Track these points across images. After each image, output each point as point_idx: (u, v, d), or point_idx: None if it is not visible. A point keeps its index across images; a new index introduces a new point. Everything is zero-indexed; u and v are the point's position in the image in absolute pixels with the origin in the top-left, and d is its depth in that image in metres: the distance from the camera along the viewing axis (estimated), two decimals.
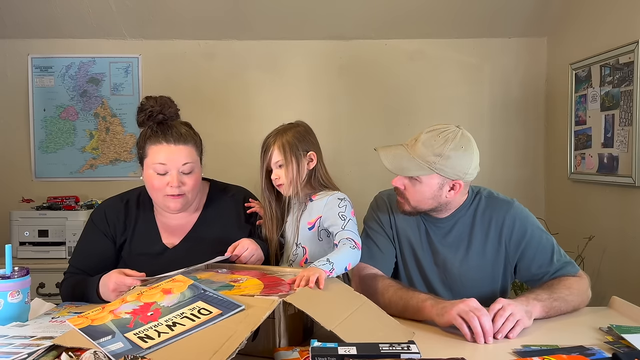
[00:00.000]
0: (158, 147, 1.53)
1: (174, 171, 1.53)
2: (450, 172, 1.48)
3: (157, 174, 1.54)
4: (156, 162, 1.53)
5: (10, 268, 1.31)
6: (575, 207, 2.84)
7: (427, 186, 1.50)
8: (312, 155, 1.55)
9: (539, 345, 1.22)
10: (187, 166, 1.54)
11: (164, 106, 1.56)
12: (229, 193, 1.73)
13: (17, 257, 2.68)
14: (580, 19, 2.78)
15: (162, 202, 1.58)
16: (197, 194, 1.63)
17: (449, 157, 1.46)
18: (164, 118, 1.55)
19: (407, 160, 1.50)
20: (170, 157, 1.52)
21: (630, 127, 2.33)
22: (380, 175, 2.91)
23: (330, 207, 1.52)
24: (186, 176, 1.55)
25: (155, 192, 1.57)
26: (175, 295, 1.17)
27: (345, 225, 1.47)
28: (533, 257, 1.56)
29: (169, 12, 2.94)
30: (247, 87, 3.13)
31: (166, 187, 1.54)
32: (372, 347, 1.02)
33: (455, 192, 1.53)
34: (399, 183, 1.54)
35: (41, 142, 3.11)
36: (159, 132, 1.53)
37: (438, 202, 1.54)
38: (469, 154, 1.49)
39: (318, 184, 1.57)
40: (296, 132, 1.56)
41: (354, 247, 1.42)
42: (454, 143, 1.47)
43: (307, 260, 1.53)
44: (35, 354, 1.05)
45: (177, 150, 1.53)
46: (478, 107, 3.15)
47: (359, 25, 3.04)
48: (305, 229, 1.55)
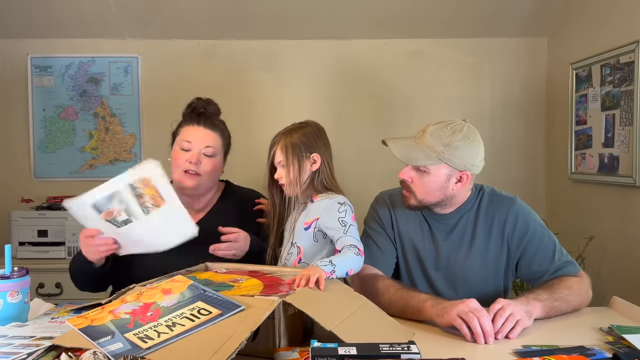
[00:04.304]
0: (189, 128, 1.70)
1: (195, 150, 1.67)
2: (458, 163, 1.50)
3: (181, 149, 1.68)
4: (183, 139, 1.68)
5: (10, 268, 1.31)
6: (575, 207, 2.84)
7: (434, 177, 1.51)
8: (315, 157, 1.55)
9: (539, 345, 1.22)
10: (210, 149, 1.68)
11: (207, 104, 1.74)
12: (241, 193, 1.84)
13: (17, 257, 2.68)
14: (581, 18, 2.77)
15: (179, 179, 1.68)
16: (212, 182, 1.74)
17: (457, 147, 1.48)
18: (204, 111, 1.72)
19: (416, 150, 1.51)
20: (197, 137, 1.68)
21: (630, 127, 2.33)
22: (380, 175, 2.92)
23: (329, 210, 1.50)
24: (206, 158, 1.68)
25: (176, 168, 1.69)
26: (175, 296, 1.17)
27: (346, 230, 1.46)
28: (534, 254, 1.56)
29: (168, 12, 2.94)
30: (247, 87, 3.13)
31: (186, 163, 1.66)
32: (372, 347, 1.02)
33: (462, 184, 1.53)
34: (406, 176, 1.55)
35: (41, 142, 3.11)
36: (194, 116, 1.71)
37: (445, 194, 1.54)
38: (476, 146, 1.52)
39: (321, 185, 1.56)
40: (302, 133, 1.56)
41: (357, 254, 1.42)
42: (462, 134, 1.50)
43: (301, 260, 1.52)
44: (35, 354, 1.05)
45: (204, 133, 1.69)
46: (478, 107, 3.15)
47: (359, 25, 3.04)
48: (301, 228, 1.54)
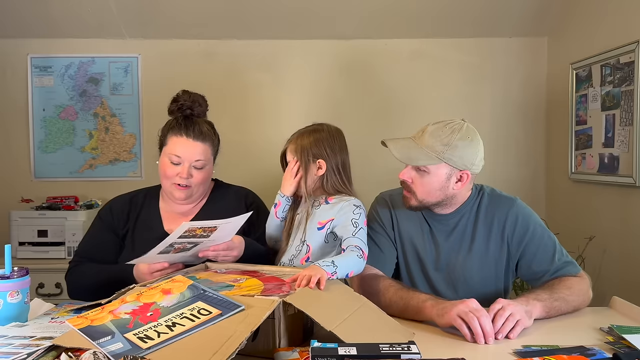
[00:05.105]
0: (177, 139, 1.65)
1: (186, 164, 1.64)
2: (458, 162, 1.50)
3: (171, 162, 1.65)
4: (173, 152, 1.64)
5: (10, 268, 1.31)
6: (575, 207, 2.84)
7: (435, 177, 1.51)
8: (320, 163, 1.56)
9: (539, 345, 1.22)
10: (200, 162, 1.66)
11: (194, 103, 1.68)
12: (229, 191, 1.82)
13: (17, 257, 2.67)
14: (581, 18, 2.77)
15: (169, 190, 1.69)
16: (203, 190, 1.73)
17: (456, 146, 1.48)
18: (191, 114, 1.67)
19: (416, 150, 1.52)
20: (186, 151, 1.64)
21: (630, 127, 2.33)
22: (380, 175, 2.91)
23: (345, 211, 1.53)
24: (196, 171, 1.66)
25: (165, 179, 1.68)
26: (175, 296, 1.17)
27: (356, 232, 1.48)
28: (534, 255, 1.56)
29: (168, 11, 2.94)
30: (246, 87, 3.13)
31: (176, 177, 1.65)
32: (372, 347, 1.02)
33: (462, 184, 1.54)
34: (407, 176, 1.55)
35: (40, 142, 3.11)
36: (182, 125, 1.65)
37: (445, 194, 1.54)
38: (475, 145, 1.52)
39: (332, 189, 1.58)
40: (314, 138, 1.58)
41: (360, 257, 1.43)
42: (461, 133, 1.50)
43: (309, 258, 1.53)
44: (35, 354, 1.04)
45: (194, 146, 1.64)
46: (478, 107, 3.14)
47: (359, 25, 3.04)
48: (314, 228, 1.55)
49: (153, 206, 1.76)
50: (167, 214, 1.74)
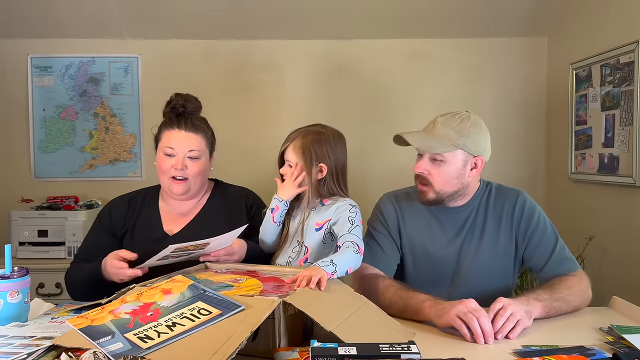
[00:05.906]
0: (170, 132, 1.67)
1: (180, 155, 1.66)
2: (472, 148, 1.54)
3: (165, 155, 1.67)
4: (166, 145, 1.66)
5: (10, 268, 1.31)
6: (575, 207, 2.84)
7: (452, 165, 1.55)
8: (322, 166, 1.56)
9: (539, 345, 1.22)
10: (194, 153, 1.66)
11: (187, 101, 1.70)
12: (232, 190, 1.83)
13: (17, 257, 2.68)
14: (581, 18, 2.77)
15: (167, 185, 1.69)
16: (201, 183, 1.73)
17: (469, 133, 1.54)
18: (183, 110, 1.69)
19: (432, 139, 1.56)
20: (179, 142, 1.66)
21: (630, 127, 2.33)
22: (380, 175, 2.92)
23: (342, 210, 1.53)
24: (191, 161, 1.67)
25: (163, 175, 1.69)
26: (175, 296, 1.17)
27: (352, 229, 1.48)
28: (537, 245, 1.59)
29: (168, 11, 2.94)
30: (246, 87, 3.13)
31: (171, 169, 1.65)
32: (372, 347, 1.02)
33: (477, 171, 1.58)
34: (422, 168, 1.57)
35: (41, 142, 3.11)
36: (174, 120, 1.68)
37: (462, 182, 1.57)
38: (485, 131, 1.58)
39: (327, 192, 1.58)
40: (318, 140, 1.56)
41: (357, 252, 1.43)
42: (470, 121, 1.56)
43: (307, 259, 1.53)
44: (35, 354, 1.04)
45: (187, 137, 1.66)
46: (478, 107, 3.14)
47: (359, 25, 3.04)
48: (312, 229, 1.55)
49: (153, 206, 1.76)
50: (166, 214, 1.75)
